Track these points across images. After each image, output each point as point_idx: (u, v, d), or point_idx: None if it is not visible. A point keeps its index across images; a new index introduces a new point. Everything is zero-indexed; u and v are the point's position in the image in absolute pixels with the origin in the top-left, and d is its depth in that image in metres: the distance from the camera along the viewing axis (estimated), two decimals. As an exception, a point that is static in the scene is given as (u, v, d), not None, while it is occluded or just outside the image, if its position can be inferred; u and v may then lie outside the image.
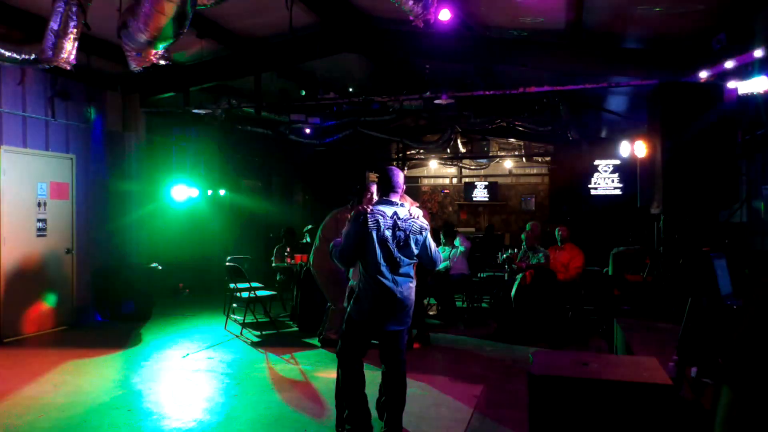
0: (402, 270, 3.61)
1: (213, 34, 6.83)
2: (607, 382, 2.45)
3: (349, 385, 3.70)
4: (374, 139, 11.07)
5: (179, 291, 9.81)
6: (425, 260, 3.73)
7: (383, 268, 3.55)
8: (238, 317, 7.40)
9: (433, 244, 3.76)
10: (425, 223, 3.71)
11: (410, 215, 3.64)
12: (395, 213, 3.60)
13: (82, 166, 7.59)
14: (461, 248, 7.96)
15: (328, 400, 4.47)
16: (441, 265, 3.91)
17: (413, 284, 3.70)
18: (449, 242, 8.11)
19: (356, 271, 3.77)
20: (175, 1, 3.99)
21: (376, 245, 3.53)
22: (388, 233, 3.54)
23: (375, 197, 4.04)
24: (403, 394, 3.76)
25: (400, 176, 3.73)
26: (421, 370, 5.34)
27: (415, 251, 3.65)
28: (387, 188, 3.68)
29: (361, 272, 3.67)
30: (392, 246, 3.56)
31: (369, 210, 3.60)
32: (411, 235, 3.61)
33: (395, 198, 3.68)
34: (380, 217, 3.55)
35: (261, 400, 4.58)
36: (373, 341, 3.75)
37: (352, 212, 3.71)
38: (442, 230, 8.30)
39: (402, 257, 3.59)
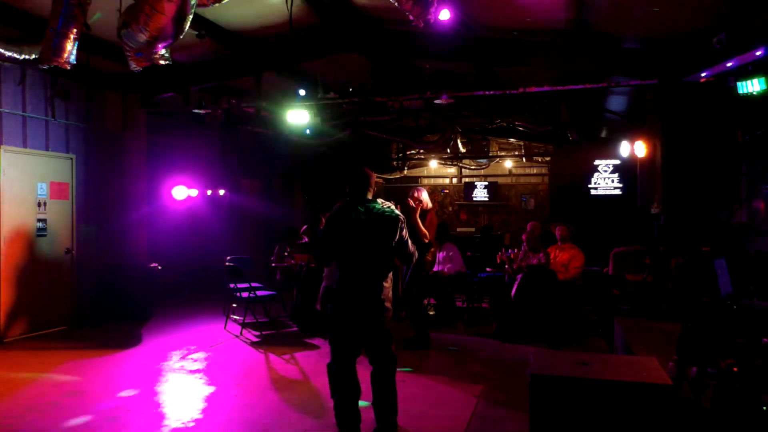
0: (377, 267, 3.62)
1: (213, 34, 6.82)
2: (607, 382, 2.45)
3: (338, 389, 3.69)
4: (374, 139, 11.05)
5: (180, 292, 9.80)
6: (401, 254, 3.72)
7: (356, 265, 3.58)
8: (238, 317, 7.40)
9: (407, 238, 3.75)
10: (401, 216, 3.72)
11: (383, 211, 3.66)
12: (368, 209, 3.63)
13: (82, 166, 7.59)
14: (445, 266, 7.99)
15: (328, 400, 4.47)
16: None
17: (388, 282, 3.69)
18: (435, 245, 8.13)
19: (332, 271, 3.80)
20: (175, 1, 3.99)
21: (349, 242, 3.56)
22: (360, 229, 3.57)
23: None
24: (392, 394, 3.74)
25: (371, 176, 3.79)
26: (421, 370, 5.34)
27: (391, 245, 3.64)
28: (360, 187, 3.72)
29: (336, 271, 3.68)
30: (366, 242, 3.57)
31: (343, 207, 3.64)
32: (385, 229, 3.61)
33: (368, 196, 3.72)
34: (352, 214, 3.59)
35: (261, 400, 4.58)
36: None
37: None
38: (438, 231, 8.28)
39: (376, 253, 3.60)
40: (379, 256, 3.62)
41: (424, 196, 6.34)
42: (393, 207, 3.75)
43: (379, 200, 3.75)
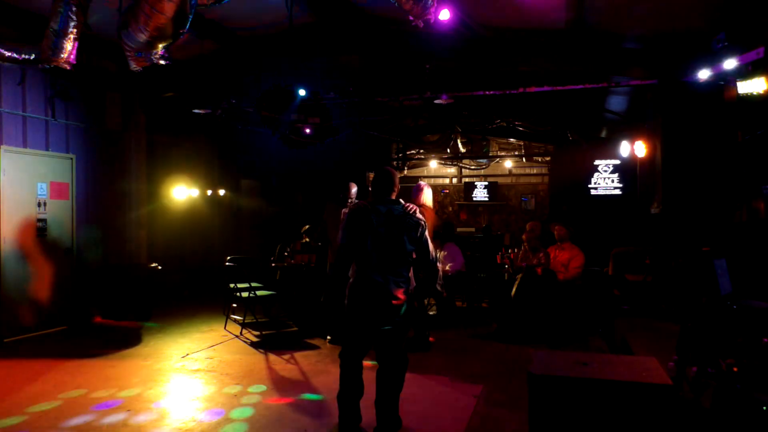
0: (395, 269, 3.60)
1: (213, 34, 6.83)
2: (607, 382, 2.45)
3: (341, 385, 3.71)
4: (374, 139, 11.06)
5: (182, 295, 9.80)
6: (421, 257, 3.71)
7: (375, 265, 3.56)
8: (238, 317, 7.40)
9: (429, 242, 3.75)
10: (422, 219, 3.71)
11: (405, 212, 3.65)
12: (390, 210, 3.61)
13: (82, 166, 7.59)
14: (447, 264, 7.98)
15: (328, 400, 4.48)
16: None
17: (406, 284, 3.67)
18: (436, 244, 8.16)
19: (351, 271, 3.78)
20: (175, 1, 3.99)
21: (369, 242, 3.54)
22: (381, 230, 3.56)
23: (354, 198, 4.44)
24: (397, 394, 3.75)
25: (395, 177, 3.75)
26: (421, 370, 5.34)
27: (410, 248, 3.63)
28: (383, 188, 3.69)
29: (354, 269, 3.67)
30: (386, 243, 3.56)
31: (363, 207, 3.61)
32: (406, 232, 3.60)
33: (391, 196, 3.70)
34: (374, 214, 3.57)
35: (261, 400, 4.58)
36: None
37: (347, 209, 3.74)
38: (441, 231, 8.29)
39: (395, 254, 3.59)
40: (395, 260, 3.60)
41: (427, 195, 6.29)
42: (416, 210, 3.72)
43: (401, 202, 3.74)
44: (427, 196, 6.26)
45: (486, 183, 15.00)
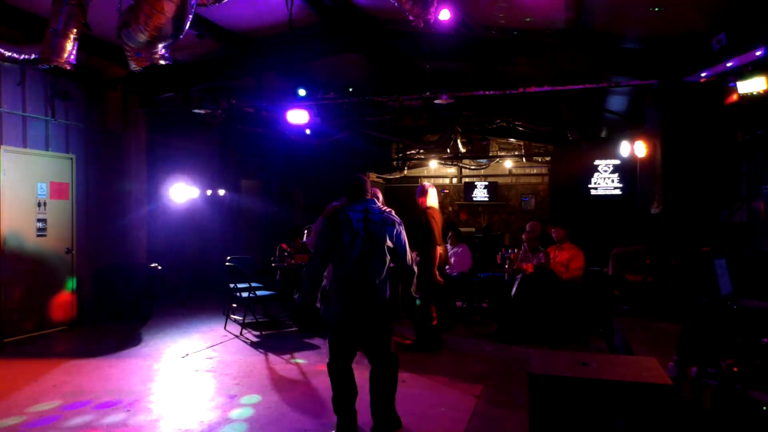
0: (374, 266, 3.59)
1: (213, 34, 6.83)
2: (607, 382, 2.45)
3: (335, 393, 3.70)
4: (374, 139, 11.07)
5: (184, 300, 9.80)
6: (399, 253, 3.70)
7: (353, 265, 3.54)
8: (238, 317, 7.40)
9: (406, 242, 3.74)
10: (397, 219, 3.71)
11: (382, 210, 3.66)
12: (366, 209, 3.62)
13: (82, 166, 7.59)
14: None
15: (328, 400, 4.47)
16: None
17: (385, 280, 3.66)
18: (454, 242, 8.18)
19: (328, 272, 3.77)
20: (175, 1, 4.00)
21: (347, 241, 3.52)
22: (359, 227, 3.55)
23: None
24: (391, 394, 3.73)
25: (367, 181, 3.78)
26: (421, 370, 5.34)
27: (389, 245, 3.62)
28: (357, 190, 3.71)
29: (331, 271, 3.65)
30: (364, 241, 3.54)
31: (339, 209, 3.62)
32: (384, 228, 3.60)
33: (365, 197, 3.70)
34: (350, 213, 3.58)
35: (261, 400, 4.58)
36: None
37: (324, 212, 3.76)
38: (450, 230, 8.31)
39: (374, 253, 3.57)
40: (374, 258, 3.59)
41: (432, 197, 6.27)
42: (391, 211, 3.73)
43: (377, 203, 3.74)
44: (432, 198, 6.24)
45: (486, 183, 15.00)
